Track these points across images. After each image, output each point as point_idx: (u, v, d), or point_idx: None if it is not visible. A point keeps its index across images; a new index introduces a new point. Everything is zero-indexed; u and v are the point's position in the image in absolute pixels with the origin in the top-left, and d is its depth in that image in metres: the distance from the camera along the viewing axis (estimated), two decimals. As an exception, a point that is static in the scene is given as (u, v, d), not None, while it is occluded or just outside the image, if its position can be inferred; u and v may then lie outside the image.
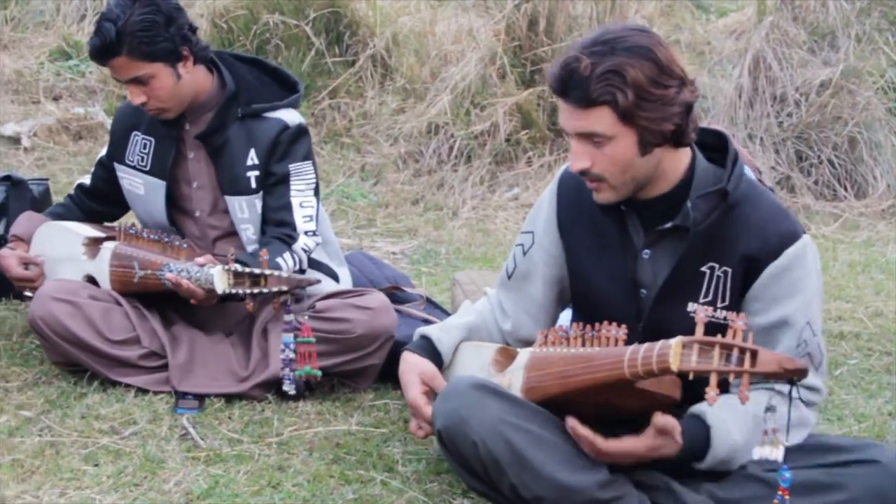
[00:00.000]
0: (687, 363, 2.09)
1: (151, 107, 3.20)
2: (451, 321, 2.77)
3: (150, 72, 3.14)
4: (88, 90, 6.37)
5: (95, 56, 3.17)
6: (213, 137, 3.27)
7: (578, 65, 2.29)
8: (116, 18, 3.09)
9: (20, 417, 2.99)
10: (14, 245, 3.46)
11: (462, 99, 5.72)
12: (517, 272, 2.69)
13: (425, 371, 2.65)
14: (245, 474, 2.75)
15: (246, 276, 2.94)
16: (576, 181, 2.54)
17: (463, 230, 5.19)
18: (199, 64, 3.24)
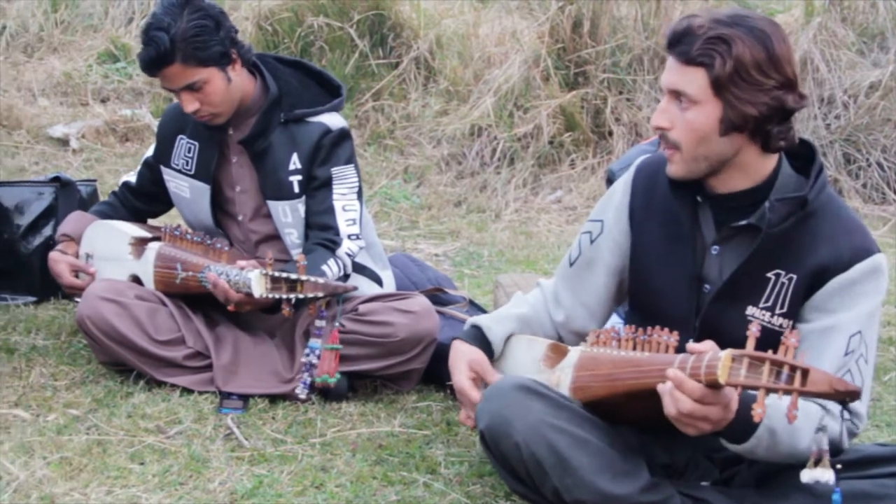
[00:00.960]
0: (735, 377, 2.06)
1: (204, 112, 3.23)
2: (503, 311, 2.76)
3: (203, 77, 3.16)
4: (135, 92, 6.43)
5: (149, 66, 3.16)
6: (256, 142, 3.29)
7: (695, 23, 2.32)
8: (167, 26, 3.11)
9: (68, 416, 3.02)
10: (64, 245, 3.50)
11: (505, 101, 5.72)
12: (581, 259, 2.67)
13: (474, 358, 2.65)
14: (289, 474, 2.76)
15: (283, 280, 2.96)
16: (652, 171, 2.54)
17: (505, 232, 5.19)
18: (244, 67, 3.27)
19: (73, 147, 5.84)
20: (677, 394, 2.16)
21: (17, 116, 6.00)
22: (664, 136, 2.39)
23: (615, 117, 5.70)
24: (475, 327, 2.71)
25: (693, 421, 2.17)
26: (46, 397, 3.13)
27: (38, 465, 2.72)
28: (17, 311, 3.78)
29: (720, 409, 2.16)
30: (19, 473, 2.68)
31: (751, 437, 2.24)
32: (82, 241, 3.51)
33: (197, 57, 3.13)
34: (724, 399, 2.16)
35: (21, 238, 3.91)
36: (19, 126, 5.95)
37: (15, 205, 3.93)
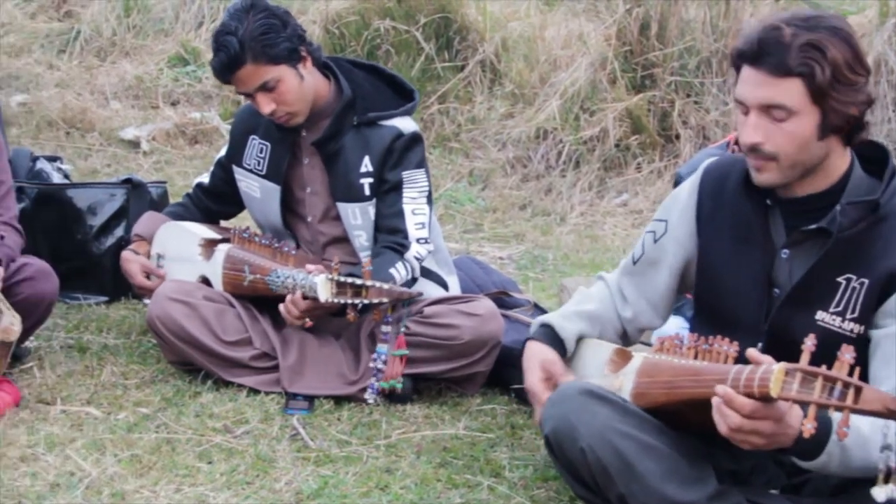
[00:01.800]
0: (787, 391, 2.04)
1: (280, 113, 3.25)
2: (571, 308, 2.76)
3: (276, 75, 3.19)
4: (205, 95, 6.51)
5: (222, 71, 3.20)
6: (328, 144, 3.31)
7: (780, 32, 2.25)
8: (235, 30, 3.15)
9: (138, 414, 3.07)
10: (136, 245, 3.56)
11: (571, 104, 5.69)
12: (644, 258, 2.66)
13: (547, 358, 2.65)
14: (354, 475, 2.78)
15: (348, 286, 2.97)
16: (720, 173, 2.51)
17: (571, 236, 5.17)
18: (315, 66, 3.29)
19: (143, 149, 5.93)
20: (725, 409, 2.14)
21: (90, 119, 6.11)
22: (756, 150, 2.33)
23: (682, 120, 5.65)
24: (546, 326, 2.71)
25: (745, 436, 2.15)
26: (117, 396, 3.19)
27: (109, 463, 2.77)
28: (89, 311, 3.85)
29: (771, 423, 2.14)
30: (91, 470, 2.73)
31: (821, 454, 2.21)
32: (154, 241, 3.56)
33: (267, 55, 3.16)
34: (776, 414, 2.13)
35: (93, 239, 3.98)
36: (92, 129, 6.05)
37: (88, 206, 4.00)
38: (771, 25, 2.28)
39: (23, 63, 6.83)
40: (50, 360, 3.40)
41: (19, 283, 3.20)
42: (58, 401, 3.13)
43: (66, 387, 3.22)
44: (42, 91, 6.46)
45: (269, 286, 3.19)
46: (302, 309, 3.08)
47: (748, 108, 2.32)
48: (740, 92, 2.32)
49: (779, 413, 2.13)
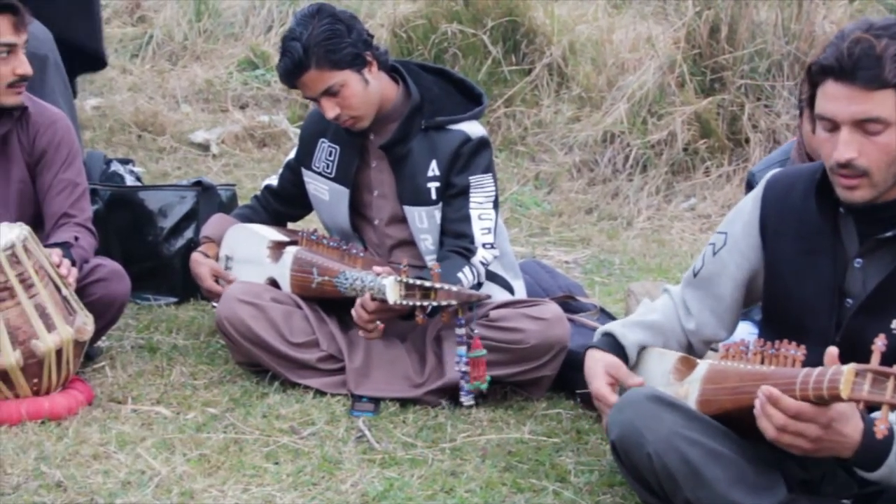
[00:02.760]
0: (858, 392, 2.01)
1: (345, 117, 3.28)
2: (634, 318, 2.74)
3: (339, 80, 3.22)
4: (273, 99, 6.58)
5: (287, 76, 3.25)
6: (396, 148, 3.33)
7: (871, 44, 2.20)
8: (300, 35, 3.19)
9: (207, 414, 3.11)
10: (205, 247, 3.60)
11: (639, 108, 5.65)
12: (704, 272, 2.64)
13: (610, 363, 2.63)
14: (419, 478, 2.79)
15: (417, 288, 2.98)
16: (784, 184, 2.48)
17: (637, 240, 5.13)
18: (382, 70, 3.31)
19: (213, 152, 6.00)
20: (770, 409, 2.13)
21: (161, 122, 6.20)
22: (850, 166, 2.27)
23: (752, 124, 5.57)
24: (608, 335, 2.69)
25: (791, 438, 2.14)
26: (186, 395, 3.23)
27: (178, 462, 2.81)
28: (159, 312, 3.90)
29: (817, 427, 2.12)
30: (161, 469, 2.76)
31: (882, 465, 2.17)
32: (223, 243, 3.60)
33: (330, 60, 3.19)
34: (823, 419, 2.11)
35: (164, 240, 4.04)
36: (163, 132, 6.15)
37: (159, 208, 4.06)
38: (857, 38, 2.22)
39: (97, 68, 6.96)
40: (121, 359, 3.45)
41: (93, 284, 3.26)
42: (129, 400, 3.18)
43: (137, 386, 3.27)
44: (115, 95, 6.57)
45: (337, 288, 3.21)
46: (371, 310, 3.10)
47: (836, 125, 2.26)
48: (829, 109, 2.25)
49: (826, 418, 2.12)
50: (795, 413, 2.10)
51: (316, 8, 3.23)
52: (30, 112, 3.34)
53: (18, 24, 3.21)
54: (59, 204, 3.34)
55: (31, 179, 3.37)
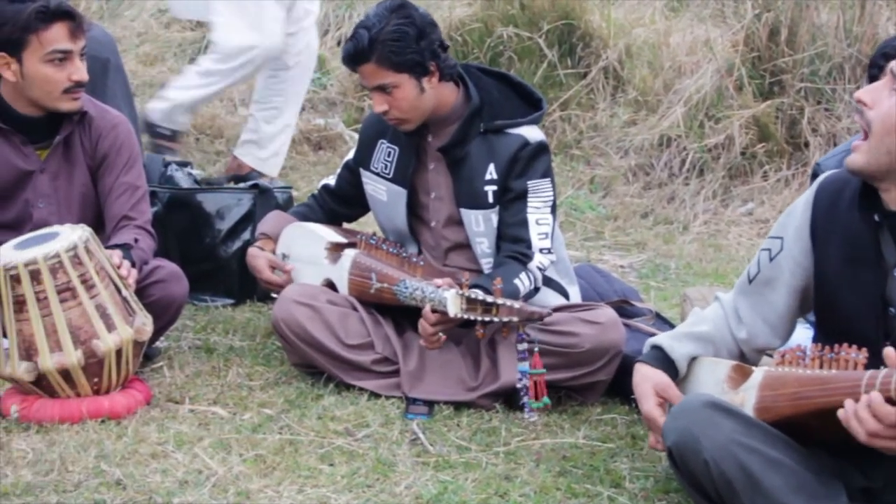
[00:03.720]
0: None
1: (392, 116, 3.29)
2: (683, 329, 2.72)
3: (394, 81, 3.23)
4: (329, 102, 6.61)
5: (347, 60, 3.28)
6: (454, 150, 3.33)
7: None
8: (371, 27, 3.20)
9: (262, 415, 3.13)
10: (262, 243, 3.61)
11: (696, 111, 5.61)
12: (760, 277, 2.61)
13: (659, 382, 2.61)
14: (473, 482, 2.78)
15: (479, 303, 2.97)
16: (835, 188, 2.46)
17: (694, 245, 5.09)
18: (445, 81, 3.30)
19: (269, 155, 6.03)
20: (864, 414, 2.09)
21: (219, 126, 6.25)
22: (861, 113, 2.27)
23: (812, 128, 5.51)
24: (656, 348, 2.67)
25: (885, 442, 2.11)
26: (242, 396, 3.26)
27: (234, 462, 2.83)
28: (216, 313, 3.94)
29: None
30: (218, 469, 2.79)
31: None
32: (280, 241, 3.62)
33: (390, 60, 3.20)
34: None
35: (221, 242, 4.08)
36: (220, 135, 6.20)
37: (216, 210, 4.10)
38: None
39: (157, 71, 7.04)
40: (179, 360, 3.49)
41: (152, 286, 3.30)
42: (186, 400, 3.21)
43: (194, 387, 3.31)
44: (174, 98, 6.63)
45: (396, 296, 3.21)
46: (432, 322, 3.10)
47: None
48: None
49: None
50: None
51: (398, 4, 3.23)
52: (92, 116, 3.39)
53: (75, 31, 3.25)
54: (119, 206, 3.38)
55: (93, 182, 3.42)
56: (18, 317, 3.00)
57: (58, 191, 3.38)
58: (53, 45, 3.22)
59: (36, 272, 2.98)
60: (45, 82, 3.24)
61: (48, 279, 2.98)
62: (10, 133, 3.33)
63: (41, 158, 3.37)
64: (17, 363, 3.01)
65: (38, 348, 3.00)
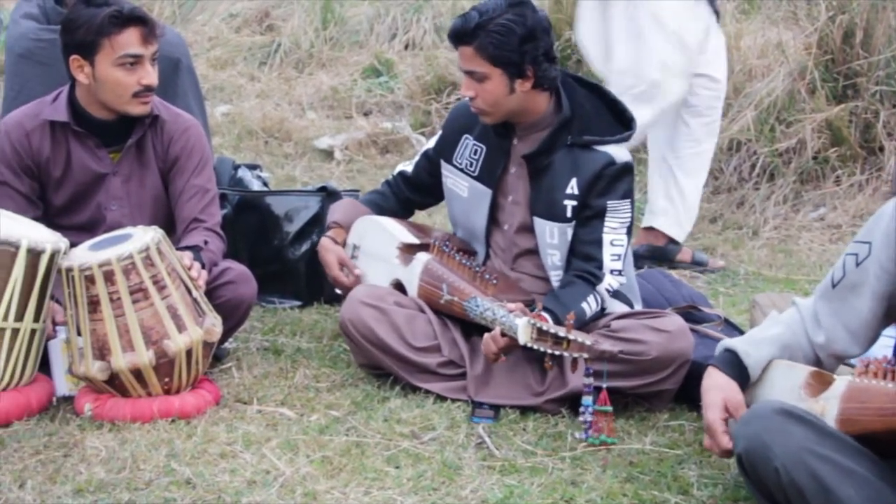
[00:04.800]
0: None
1: (475, 105, 3.28)
2: (758, 333, 2.68)
3: (487, 72, 3.21)
4: (396, 106, 6.64)
5: (451, 36, 3.27)
6: (538, 159, 3.30)
7: None
8: (483, 12, 3.19)
9: (329, 417, 3.15)
10: (334, 233, 3.60)
11: (767, 115, 5.53)
12: (844, 282, 2.56)
13: (731, 398, 2.57)
14: (539, 486, 2.77)
15: (550, 335, 2.95)
16: None
17: (763, 250, 5.02)
18: (540, 89, 3.26)
19: (336, 158, 6.09)
20: None
21: (288, 129, 6.32)
22: None
23: (887, 132, 5.40)
24: (730, 351, 2.64)
25: None
26: (309, 398, 3.28)
27: (301, 463, 2.86)
28: (283, 314, 3.98)
29: None
30: (285, 469, 2.81)
31: None
32: (352, 231, 3.61)
33: (488, 51, 3.18)
34: None
35: (289, 245, 4.12)
36: (289, 138, 6.27)
37: (285, 212, 4.14)
38: None
39: (227, 75, 7.15)
40: (247, 361, 3.52)
41: (221, 287, 3.34)
42: (254, 401, 3.24)
43: (262, 387, 3.33)
44: (244, 102, 6.73)
45: (466, 312, 3.21)
46: (500, 346, 3.09)
47: None
48: None
49: None
50: None
51: (520, 0, 3.21)
52: (164, 119, 3.44)
53: (147, 36, 3.30)
54: (190, 209, 3.43)
55: (164, 185, 3.47)
56: (92, 317, 3.05)
57: (130, 193, 3.43)
58: (125, 50, 3.27)
59: (110, 273, 3.03)
60: (116, 85, 3.30)
61: (121, 280, 3.03)
62: (84, 136, 3.39)
63: (114, 161, 3.43)
64: (91, 362, 3.06)
65: (111, 348, 3.05)
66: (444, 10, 7.14)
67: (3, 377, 3.06)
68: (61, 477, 2.75)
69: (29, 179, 3.40)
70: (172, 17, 7.93)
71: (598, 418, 3.01)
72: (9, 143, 3.38)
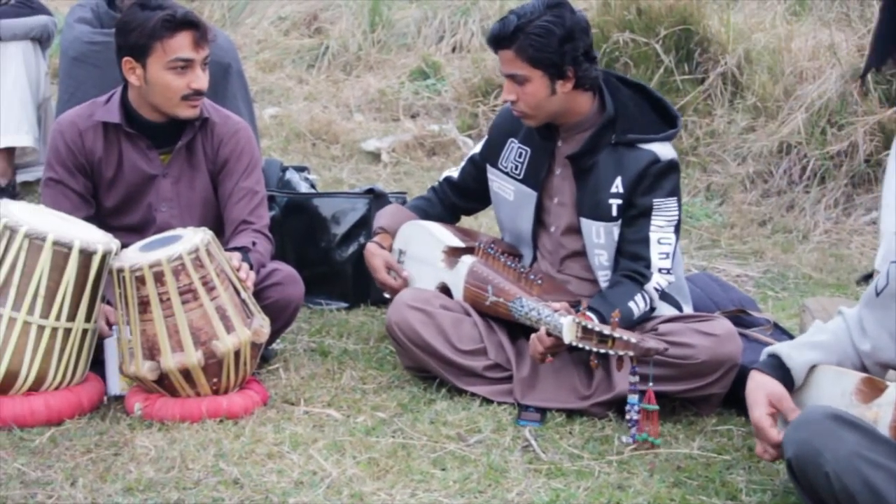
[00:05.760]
0: None
1: (517, 108, 3.28)
2: (803, 339, 2.66)
3: (528, 75, 3.21)
4: (443, 108, 6.65)
5: (490, 40, 3.28)
6: (582, 159, 3.29)
7: None
8: (522, 15, 3.19)
9: (376, 418, 3.16)
10: (380, 238, 3.62)
11: (818, 118, 5.47)
12: (888, 290, 2.53)
13: (773, 391, 2.56)
14: (585, 490, 2.76)
15: (595, 333, 2.94)
16: None
17: (814, 254, 4.97)
18: (581, 89, 3.26)
19: (383, 160, 6.10)
20: None
21: (335, 131, 6.35)
22: None
23: (942, 135, 5.33)
24: (773, 356, 2.61)
25: None
26: (356, 399, 3.29)
27: (348, 464, 2.87)
28: (330, 316, 4.00)
29: None
30: (332, 470, 2.83)
31: None
32: (398, 236, 3.62)
33: (528, 54, 3.18)
34: None
35: (336, 247, 4.14)
36: (336, 140, 6.29)
37: (332, 215, 4.16)
38: None
39: (275, 78, 7.19)
40: (294, 362, 3.54)
41: (269, 288, 3.36)
42: (301, 402, 3.26)
43: (309, 388, 3.35)
44: (292, 104, 6.77)
45: (511, 312, 3.20)
46: (546, 346, 3.08)
47: None
48: None
49: None
50: None
51: (557, 2, 3.21)
52: (214, 121, 3.47)
53: (199, 41, 3.32)
54: (238, 211, 3.45)
55: (213, 187, 3.50)
56: (143, 317, 3.09)
57: (179, 195, 3.46)
58: (176, 54, 3.30)
59: (160, 274, 3.06)
60: (166, 88, 3.33)
61: (171, 281, 3.06)
62: (136, 137, 3.43)
63: (164, 163, 3.46)
64: (141, 362, 3.09)
65: (161, 348, 3.08)
66: (492, 13, 7.13)
67: (56, 376, 3.11)
68: (111, 475, 2.78)
69: (83, 178, 3.44)
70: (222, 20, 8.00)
71: (643, 417, 2.99)
72: (63, 142, 3.43)
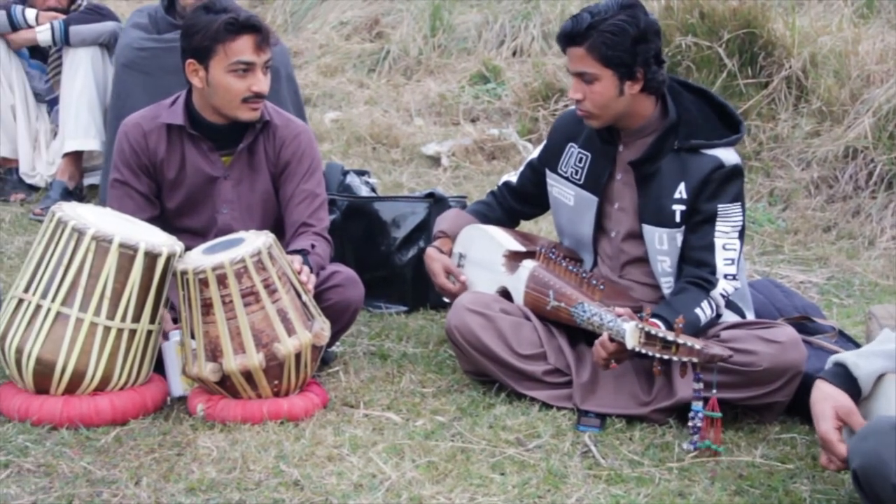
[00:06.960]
0: None
1: (583, 108, 3.26)
2: (870, 348, 2.62)
3: (597, 73, 3.19)
4: (503, 112, 6.64)
5: (561, 38, 3.26)
6: (645, 165, 3.27)
7: None
8: (595, 13, 3.18)
9: (435, 422, 3.16)
10: (440, 243, 3.63)
11: (885, 122, 5.38)
12: None
13: (841, 405, 2.51)
14: (645, 497, 2.74)
15: (658, 339, 2.92)
16: None
17: (880, 261, 4.89)
18: (648, 93, 3.24)
19: (443, 164, 6.11)
20: None
21: (395, 135, 6.37)
22: None
23: None
24: (839, 365, 2.57)
25: None
26: (415, 403, 3.30)
27: (407, 467, 2.87)
28: (390, 320, 4.01)
29: None
30: (391, 473, 2.83)
31: None
32: (458, 240, 3.63)
33: (600, 52, 3.16)
34: None
35: (396, 250, 4.15)
36: (396, 144, 6.32)
37: (392, 218, 4.17)
38: None
39: (336, 82, 7.24)
40: (354, 365, 3.56)
41: (329, 290, 3.38)
42: (361, 404, 3.27)
43: (369, 391, 3.36)
44: (353, 108, 6.81)
45: (573, 317, 3.19)
46: (610, 352, 3.07)
47: None
48: None
49: None
50: None
51: (631, 2, 3.20)
52: (276, 124, 3.50)
53: (261, 44, 3.35)
54: (299, 213, 3.48)
55: (274, 189, 3.53)
56: (205, 319, 3.12)
57: (240, 197, 3.50)
58: (238, 57, 3.33)
59: (222, 276, 3.09)
60: (226, 91, 3.36)
61: (234, 283, 3.09)
62: (199, 139, 3.47)
63: (226, 165, 3.50)
64: (204, 364, 3.13)
65: (223, 350, 3.11)
66: (553, 17, 7.12)
67: (121, 377, 3.15)
68: (174, 475, 2.81)
69: (147, 179, 3.49)
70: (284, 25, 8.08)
71: (706, 424, 2.95)
72: (127, 143, 3.48)
